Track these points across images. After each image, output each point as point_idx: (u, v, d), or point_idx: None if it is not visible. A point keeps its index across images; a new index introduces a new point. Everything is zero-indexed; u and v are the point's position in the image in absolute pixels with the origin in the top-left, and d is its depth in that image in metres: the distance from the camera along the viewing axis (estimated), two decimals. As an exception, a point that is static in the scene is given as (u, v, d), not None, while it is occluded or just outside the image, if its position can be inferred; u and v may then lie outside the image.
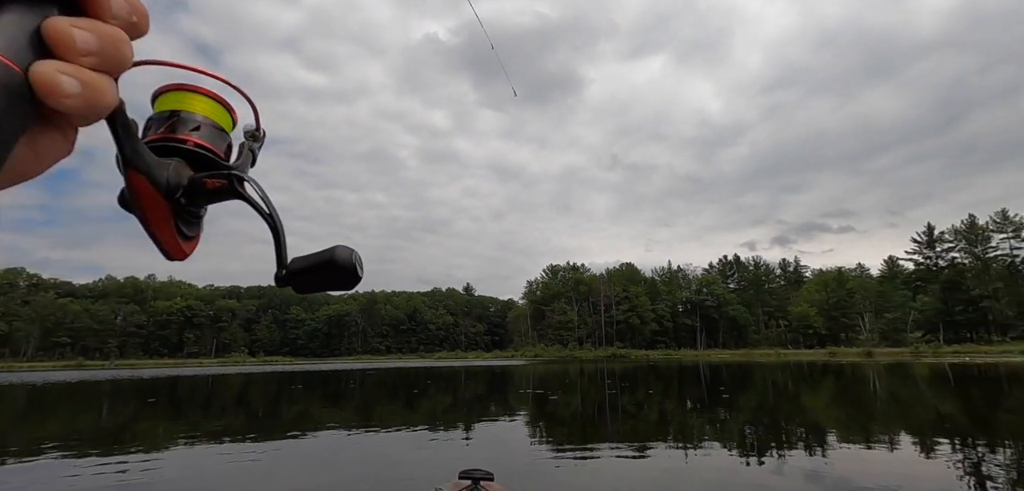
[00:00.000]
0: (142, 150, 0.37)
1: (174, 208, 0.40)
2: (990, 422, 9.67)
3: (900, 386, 18.01)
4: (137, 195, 0.38)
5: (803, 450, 7.11)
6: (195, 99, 0.45)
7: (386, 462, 6.61)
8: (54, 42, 0.24)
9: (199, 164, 0.43)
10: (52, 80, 0.24)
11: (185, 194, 0.40)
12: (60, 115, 0.26)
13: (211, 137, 0.44)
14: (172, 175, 0.40)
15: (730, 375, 25.54)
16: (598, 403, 13.72)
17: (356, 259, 0.42)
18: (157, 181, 0.38)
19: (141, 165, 0.37)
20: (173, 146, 0.42)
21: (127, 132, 0.36)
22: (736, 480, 5.48)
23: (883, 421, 10.06)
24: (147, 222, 0.40)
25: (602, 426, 9.62)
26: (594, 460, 6.51)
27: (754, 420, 10.23)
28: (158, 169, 0.39)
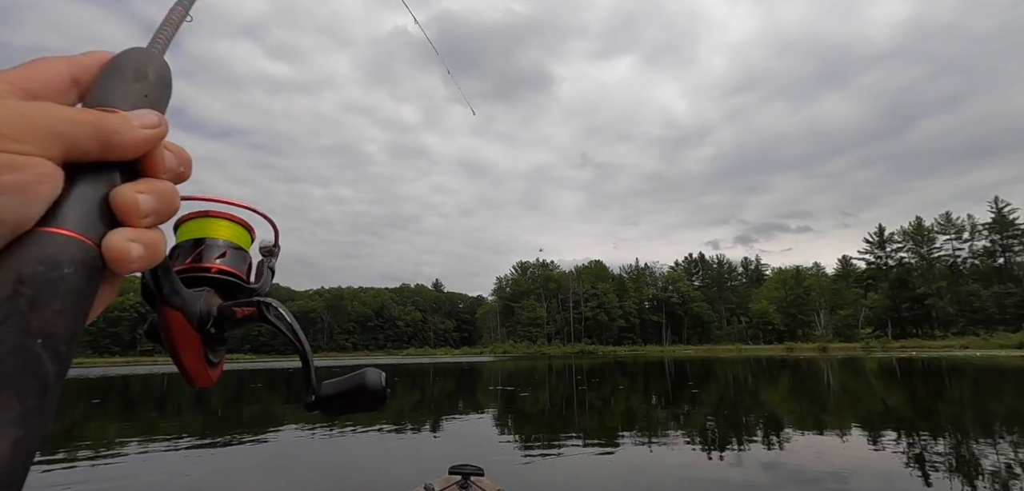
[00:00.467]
0: (179, 287, 0.38)
1: (204, 338, 0.40)
2: (932, 413, 10.26)
3: (851, 380, 18.89)
4: (171, 332, 0.39)
5: (761, 442, 7.37)
6: (218, 225, 0.45)
7: (351, 464, 6.51)
8: (122, 212, 0.25)
9: (225, 289, 0.44)
10: (124, 251, 0.24)
11: (215, 324, 0.41)
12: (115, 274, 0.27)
13: (235, 262, 0.45)
14: (203, 306, 0.40)
15: (694, 370, 26.23)
16: (567, 398, 13.86)
17: (386, 382, 0.44)
18: (191, 316, 0.39)
19: (178, 303, 0.38)
20: (201, 276, 0.43)
21: (167, 273, 0.37)
22: (700, 473, 5.63)
23: (836, 413, 10.53)
24: (177, 355, 0.40)
25: (571, 420, 9.73)
26: (576, 454, 6.58)
27: (717, 414, 10.53)
28: (193, 303, 0.39)
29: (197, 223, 0.45)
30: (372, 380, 0.43)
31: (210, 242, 0.44)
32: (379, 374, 0.44)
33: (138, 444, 8.03)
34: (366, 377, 0.43)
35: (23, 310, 0.20)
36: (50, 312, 0.21)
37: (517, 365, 37.44)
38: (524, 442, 7.61)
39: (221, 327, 0.41)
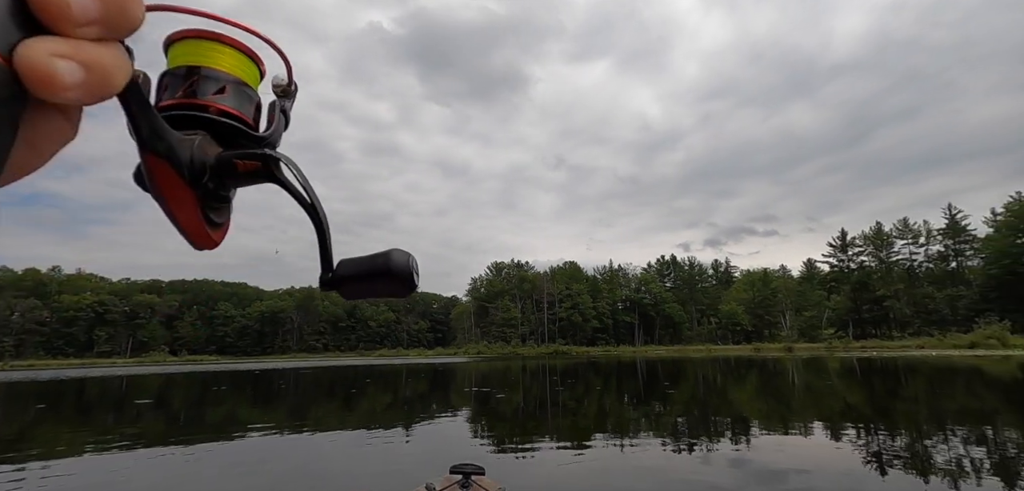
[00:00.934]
0: (161, 129, 0.31)
1: (200, 195, 0.33)
2: (889, 410, 10.66)
3: (815, 379, 19.49)
4: (157, 182, 0.32)
5: (730, 440, 7.51)
6: (218, 51, 0.37)
7: (320, 469, 6.36)
8: (44, 12, 0.18)
9: (226, 135, 0.36)
10: (46, 69, 0.18)
11: (212, 178, 0.34)
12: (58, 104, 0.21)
13: (238, 101, 0.37)
14: (197, 154, 0.33)
15: (666, 370, 26.65)
16: (540, 399, 13.88)
17: (413, 265, 0.37)
18: (180, 165, 0.32)
19: (161, 148, 0.31)
20: (195, 114, 0.35)
21: (143, 109, 0.29)
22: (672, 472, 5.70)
23: (800, 411, 10.84)
24: (169, 210, 0.33)
25: (544, 421, 9.74)
26: (551, 454, 6.57)
27: (687, 413, 10.72)
28: (180, 149, 0.32)
29: (191, 46, 0.36)
30: (398, 261, 0.36)
31: (207, 72, 0.36)
32: (406, 256, 0.37)
33: (92, 451, 7.67)
34: (391, 257, 0.37)
35: None
36: None
37: (491, 366, 37.38)
38: (500, 442, 7.58)
39: (219, 181, 0.35)
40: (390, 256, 0.37)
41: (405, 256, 0.37)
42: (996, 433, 7.60)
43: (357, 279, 0.37)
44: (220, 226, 0.36)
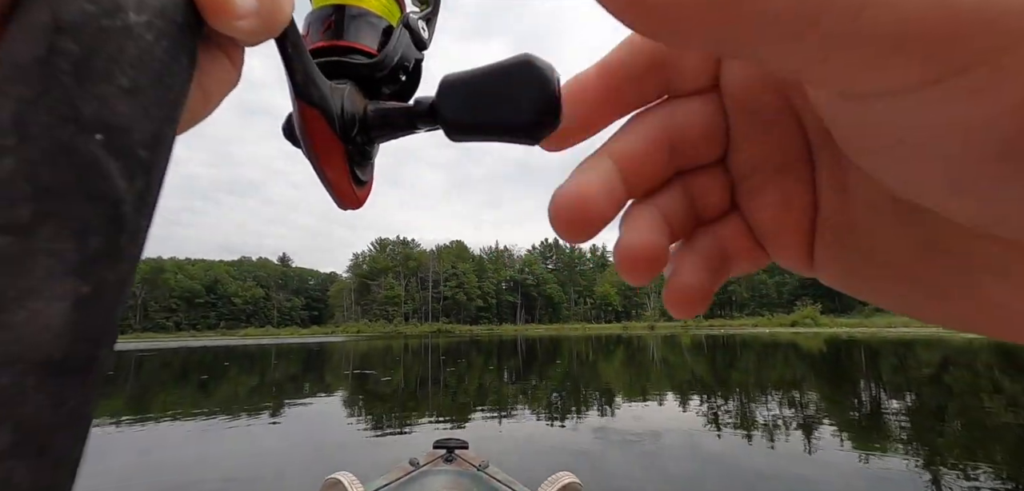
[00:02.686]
0: (315, 76, 0.28)
1: (349, 150, 0.31)
2: (726, 379, 12.36)
3: (670, 353, 21.91)
4: (310, 133, 0.29)
5: (596, 410, 8.16)
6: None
7: (165, 460, 5.70)
8: None
9: (371, 83, 0.33)
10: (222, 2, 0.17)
11: (361, 131, 0.31)
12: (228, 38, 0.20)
13: (388, 44, 0.33)
14: (347, 105, 0.30)
15: (545, 348, 28.05)
16: (420, 378, 13.81)
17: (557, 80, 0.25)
18: (331, 116, 0.29)
19: (315, 97, 0.28)
20: (341, 61, 0.32)
21: (299, 53, 0.27)
22: (541, 435, 6.03)
23: (656, 381, 12.11)
24: (319, 165, 0.30)
25: (424, 400, 9.72)
26: (423, 432, 6.54)
27: (560, 387, 11.41)
28: (332, 99, 0.29)
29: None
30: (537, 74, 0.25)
31: (352, 10, 0.33)
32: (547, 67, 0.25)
33: None
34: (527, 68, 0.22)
35: (64, 81, 0.12)
36: (112, 87, 0.13)
37: (372, 345, 36.25)
38: (378, 424, 7.40)
39: (367, 136, 0.31)
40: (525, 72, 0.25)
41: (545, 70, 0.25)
42: (802, 395, 9.23)
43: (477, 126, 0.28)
44: (365, 184, 0.34)
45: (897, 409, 7.81)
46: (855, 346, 22.12)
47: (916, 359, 15.76)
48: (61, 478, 0.12)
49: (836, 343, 24.93)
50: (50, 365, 0.11)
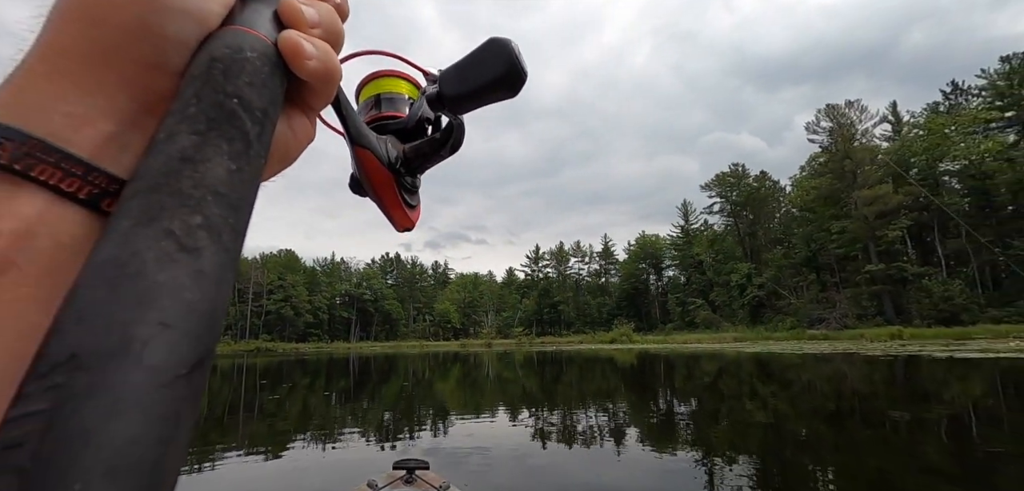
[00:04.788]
0: (364, 128, 0.42)
1: (397, 178, 0.44)
2: (553, 392, 13.25)
3: (504, 369, 22.78)
4: (366, 171, 0.43)
5: (428, 428, 8.02)
6: (392, 81, 0.50)
7: None
8: (289, 18, 0.27)
9: (406, 135, 0.47)
10: (297, 43, 0.27)
11: (404, 163, 0.44)
12: (302, 92, 0.29)
13: (411, 109, 0.49)
14: (390, 146, 0.44)
15: (379, 366, 26.90)
16: (230, 405, 12.10)
17: (517, 50, 0.41)
18: (380, 155, 0.42)
19: (366, 142, 0.42)
20: (383, 125, 0.47)
21: (350, 111, 0.41)
22: (366, 462, 5.69)
23: (489, 397, 12.43)
24: (378, 197, 0.44)
25: (232, 429, 8.49)
26: (239, 462, 5.64)
27: (393, 406, 10.99)
28: (379, 144, 0.43)
29: (374, 84, 0.50)
30: (501, 51, 0.41)
31: (386, 96, 0.49)
32: (506, 42, 0.41)
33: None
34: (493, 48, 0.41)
35: (217, 78, 0.23)
36: (240, 81, 0.24)
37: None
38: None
39: (408, 166, 0.45)
40: (492, 47, 0.40)
41: (505, 42, 0.40)
42: (615, 404, 10.31)
43: (469, 94, 0.42)
44: (414, 208, 0.46)
45: (685, 413, 9.19)
46: (658, 359, 25.63)
47: (701, 369, 18.84)
48: None
49: (645, 356, 28.60)
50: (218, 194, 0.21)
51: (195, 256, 0.19)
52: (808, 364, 18.55)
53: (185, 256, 0.18)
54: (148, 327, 0.16)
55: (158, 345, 0.16)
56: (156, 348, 0.16)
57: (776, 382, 13.83)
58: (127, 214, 0.19)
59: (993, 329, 31.67)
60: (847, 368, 16.50)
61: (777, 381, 14.05)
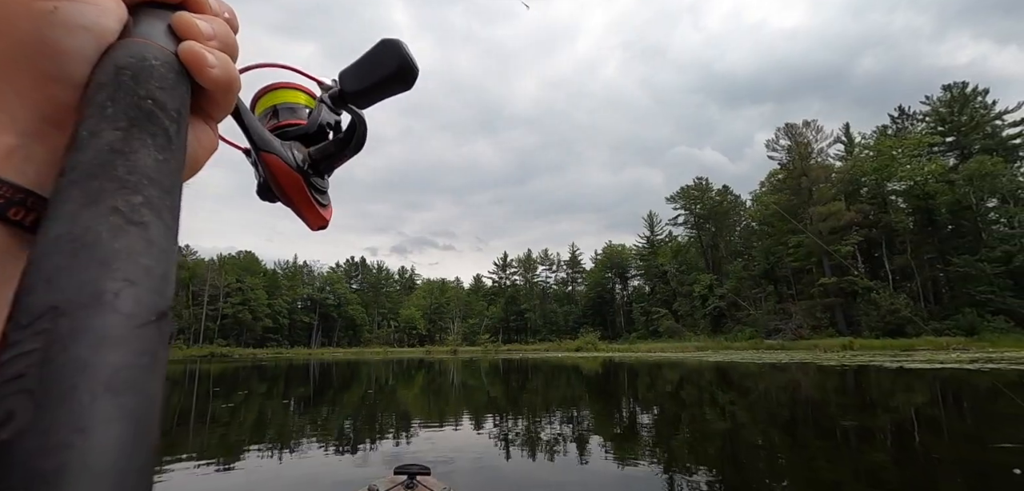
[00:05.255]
0: (267, 134, 0.44)
1: (306, 180, 0.45)
2: (518, 400, 13.20)
3: (470, 376, 22.58)
4: (275, 175, 0.44)
5: (390, 437, 7.84)
6: (289, 93, 0.51)
7: None
8: (184, 31, 0.28)
9: (309, 140, 0.49)
10: (199, 52, 0.27)
11: (311, 165, 0.46)
12: (203, 102, 0.30)
13: (310, 116, 0.50)
14: (295, 150, 0.45)
15: (341, 373, 26.26)
16: (180, 412, 11.54)
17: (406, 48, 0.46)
18: (286, 158, 0.44)
19: (271, 147, 0.43)
20: (284, 132, 0.48)
21: (252, 119, 0.42)
22: (327, 472, 5.49)
23: (453, 405, 12.28)
24: (290, 199, 0.45)
25: (181, 440, 8.08)
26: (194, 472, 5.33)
27: (354, 414, 10.71)
28: (284, 148, 0.44)
29: (269, 96, 0.51)
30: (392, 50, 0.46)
31: (285, 106, 0.50)
32: (395, 42, 0.46)
33: None
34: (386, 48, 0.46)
35: (128, 83, 0.23)
36: (151, 85, 0.24)
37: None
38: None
39: (315, 167, 0.46)
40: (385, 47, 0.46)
41: (396, 42, 0.46)
42: (579, 411, 10.34)
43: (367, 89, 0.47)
44: (326, 206, 0.48)
45: (647, 421, 9.30)
46: (622, 368, 25.94)
47: (663, 378, 19.16)
48: None
49: (609, 365, 28.90)
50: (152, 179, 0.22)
51: (143, 228, 0.20)
52: (766, 373, 19.13)
53: (134, 228, 0.19)
54: (115, 282, 0.18)
55: (127, 296, 0.18)
56: (126, 298, 0.18)
57: (735, 390, 14.19)
58: (68, 200, 0.19)
59: (934, 340, 33.51)
60: (802, 377, 17.10)
61: (736, 389, 14.42)
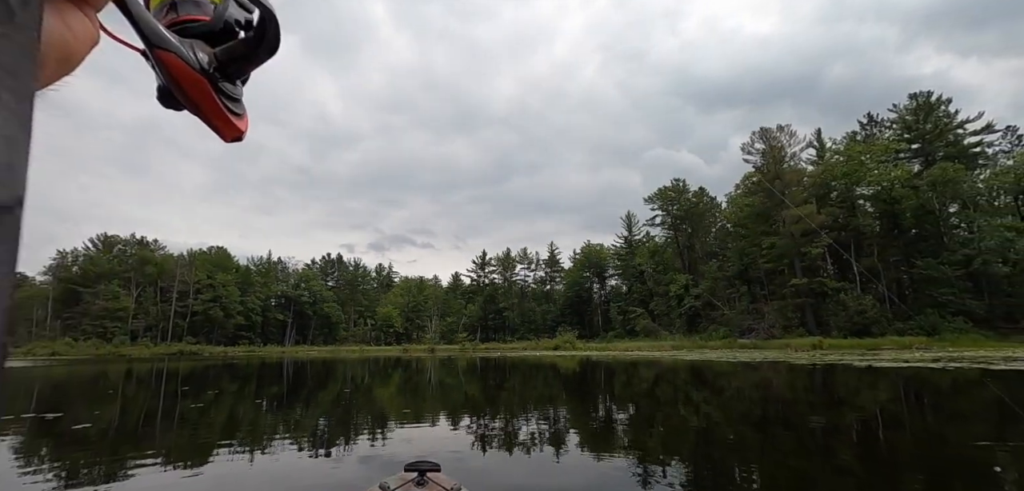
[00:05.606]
0: (161, 29, 0.36)
1: (213, 84, 0.38)
2: (496, 398, 13.18)
3: (447, 375, 22.47)
4: (176, 77, 0.37)
5: (366, 437, 7.73)
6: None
7: None
8: None
9: (213, 40, 0.41)
10: None
11: (218, 68, 0.39)
12: None
13: (215, 12, 0.42)
14: (197, 48, 0.38)
15: (315, 371, 25.84)
16: (147, 413, 11.18)
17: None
18: (187, 58, 0.37)
19: (167, 45, 0.36)
20: (183, 28, 0.41)
21: (141, 11, 0.34)
22: (301, 477, 5.38)
23: (430, 403, 12.19)
24: (197, 107, 0.38)
25: (148, 440, 7.82)
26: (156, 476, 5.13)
27: (329, 414, 10.54)
28: (184, 47, 0.37)
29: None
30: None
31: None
32: None
33: None
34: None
35: None
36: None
37: (73, 372, 28.06)
38: (73, 476, 5.59)
39: (225, 72, 0.40)
40: None
41: None
42: (556, 410, 10.37)
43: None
44: (241, 115, 0.41)
45: (623, 418, 9.39)
46: (599, 366, 26.15)
47: (639, 376, 19.38)
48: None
49: (587, 363, 29.11)
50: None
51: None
52: (739, 372, 19.54)
53: None
54: None
55: None
56: None
57: (709, 388, 14.44)
58: None
59: (898, 340, 34.79)
60: (773, 376, 17.51)
61: (710, 387, 14.68)
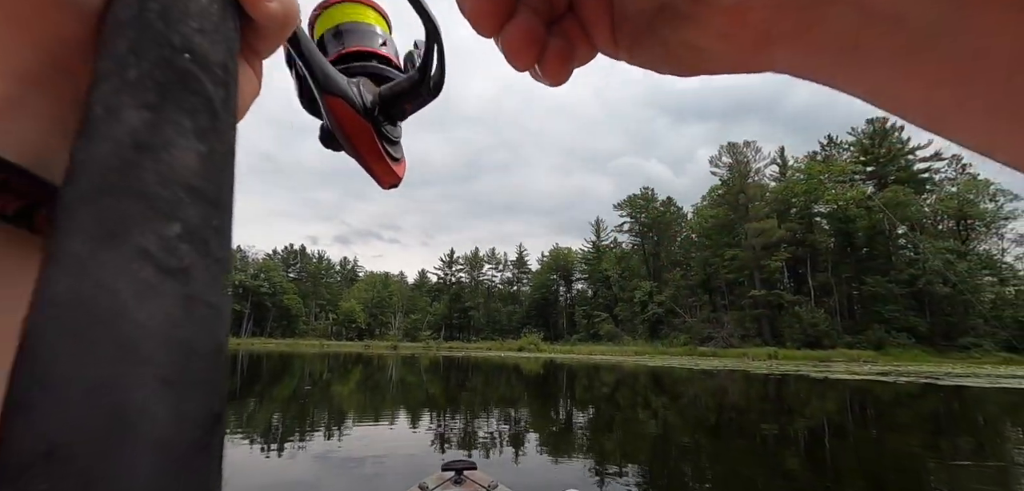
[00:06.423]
0: (332, 72, 0.35)
1: (376, 128, 0.37)
2: (457, 398, 13.08)
3: (408, 373, 22.19)
4: (339, 121, 0.36)
5: (321, 434, 7.53)
6: (355, 9, 0.41)
7: None
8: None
9: (379, 78, 0.40)
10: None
11: (381, 109, 0.37)
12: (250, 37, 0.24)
13: (387, 46, 0.41)
14: (363, 90, 0.37)
15: (272, 366, 25.10)
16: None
17: None
18: (353, 101, 0.35)
19: (336, 88, 0.34)
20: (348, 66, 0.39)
21: (313, 53, 0.34)
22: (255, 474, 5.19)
23: (389, 402, 12.00)
24: (356, 150, 0.37)
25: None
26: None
27: (285, 409, 10.23)
28: (351, 88, 0.36)
29: (334, 11, 0.41)
30: None
31: (347, 27, 0.40)
32: None
33: None
34: None
35: (155, 24, 0.17)
36: (188, 28, 0.18)
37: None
38: None
39: (387, 114, 0.38)
40: None
41: None
42: (517, 411, 10.37)
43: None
44: (399, 161, 0.40)
45: (583, 422, 9.46)
46: (562, 369, 26.34)
47: (600, 380, 19.62)
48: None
49: (550, 366, 29.27)
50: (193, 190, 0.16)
51: (182, 279, 0.14)
52: (697, 379, 20.01)
53: (169, 281, 0.14)
54: (143, 388, 0.12)
55: (161, 409, 0.12)
56: (159, 414, 0.12)
57: (668, 395, 14.74)
58: (77, 230, 0.13)
59: (847, 353, 36.44)
60: (729, 384, 18.01)
61: (669, 394, 14.98)
